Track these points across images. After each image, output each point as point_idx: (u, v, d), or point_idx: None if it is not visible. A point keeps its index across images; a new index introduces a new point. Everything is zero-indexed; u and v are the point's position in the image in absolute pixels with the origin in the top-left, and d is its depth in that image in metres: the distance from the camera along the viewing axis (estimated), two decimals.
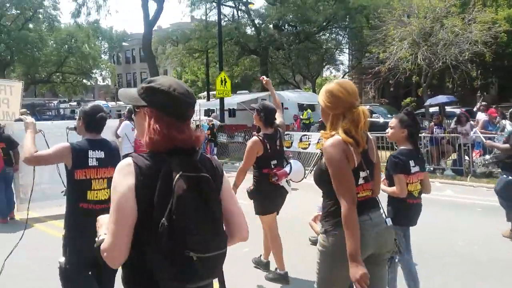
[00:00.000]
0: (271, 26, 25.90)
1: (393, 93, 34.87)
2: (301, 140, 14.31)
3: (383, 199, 2.85)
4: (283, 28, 25.58)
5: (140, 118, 1.70)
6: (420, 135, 11.63)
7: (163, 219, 1.47)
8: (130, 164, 1.59)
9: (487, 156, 7.47)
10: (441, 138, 11.20)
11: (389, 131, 3.72)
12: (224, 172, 1.82)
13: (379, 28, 19.21)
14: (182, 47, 26.05)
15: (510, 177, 5.64)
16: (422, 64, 16.26)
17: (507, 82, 24.52)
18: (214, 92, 29.44)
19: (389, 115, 17.19)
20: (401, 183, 3.48)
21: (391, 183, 3.60)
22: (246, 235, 1.82)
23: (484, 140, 8.86)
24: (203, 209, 1.56)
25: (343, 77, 34.72)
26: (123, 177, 1.57)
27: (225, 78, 17.23)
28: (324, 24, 23.91)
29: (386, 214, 2.66)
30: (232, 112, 20.93)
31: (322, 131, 2.53)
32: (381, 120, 17.01)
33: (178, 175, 1.53)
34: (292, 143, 14.57)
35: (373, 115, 16.95)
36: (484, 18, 16.03)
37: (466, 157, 10.92)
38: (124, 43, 58.09)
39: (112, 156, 3.16)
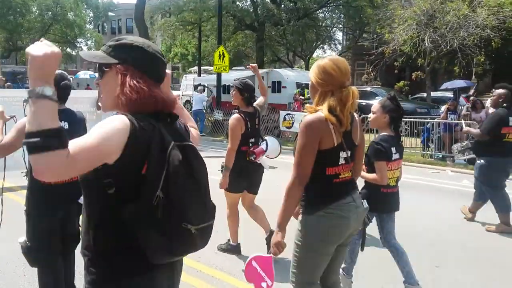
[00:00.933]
0: (268, 0, 24.92)
1: (385, 76, 34.59)
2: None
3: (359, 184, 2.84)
4: (281, 3, 24.60)
5: (110, 78, 1.53)
6: (434, 120, 11.35)
7: (159, 190, 1.38)
8: (126, 121, 1.41)
9: (464, 143, 7.38)
10: (455, 124, 10.72)
11: (371, 116, 3.64)
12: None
13: (385, 7, 18.60)
14: (175, 19, 24.94)
15: (482, 161, 5.70)
16: (429, 47, 15.72)
17: (505, 69, 24.17)
18: (206, 67, 28.93)
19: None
20: (382, 170, 3.44)
21: (370, 170, 3.53)
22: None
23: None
24: (193, 179, 1.49)
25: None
26: (117, 131, 1.38)
27: (223, 53, 16.44)
28: (325, 1, 23.02)
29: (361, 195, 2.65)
30: (226, 89, 20.15)
31: (307, 105, 2.45)
32: None
33: (171, 144, 1.45)
34: (293, 123, 14.03)
35: (376, 97, 16.34)
36: (489, 1, 15.51)
37: None
38: (110, 13, 56.26)
39: (78, 127, 3.06)
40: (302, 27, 22.32)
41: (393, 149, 3.53)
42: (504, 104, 5.56)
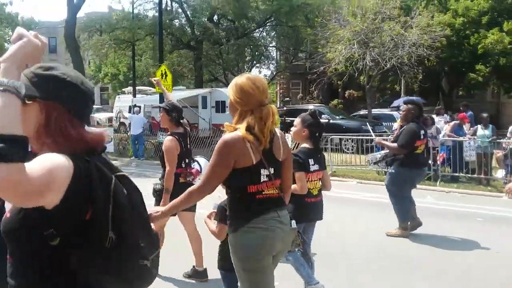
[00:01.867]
0: (204, 19, 24.57)
1: (318, 94, 35.43)
2: None
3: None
4: (218, 22, 24.34)
5: (30, 112, 1.31)
6: (388, 137, 11.41)
7: (110, 231, 1.27)
8: (68, 161, 1.25)
9: (378, 154, 7.54)
10: None
11: (293, 129, 3.83)
12: None
13: (323, 27, 18.91)
14: (108, 37, 23.79)
15: (393, 170, 6.01)
16: (369, 65, 16.09)
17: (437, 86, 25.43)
18: (140, 87, 27.82)
19: (337, 116, 16.74)
20: (301, 180, 3.59)
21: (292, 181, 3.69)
22: None
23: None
24: (136, 212, 1.41)
25: (274, 77, 34.35)
26: (60, 171, 1.21)
27: (165, 72, 15.69)
28: (263, 20, 23.07)
29: (291, 216, 2.59)
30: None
31: (226, 123, 2.44)
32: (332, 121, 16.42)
33: (113, 178, 1.34)
34: None
35: (323, 116, 16.39)
36: (420, 22, 16.28)
37: (430, 161, 10.70)
38: (31, 31, 53.19)
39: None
40: (241, 46, 22.11)
41: (311, 161, 3.70)
42: (415, 119, 5.88)
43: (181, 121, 4.40)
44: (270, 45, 26.96)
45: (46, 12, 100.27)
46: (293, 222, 2.56)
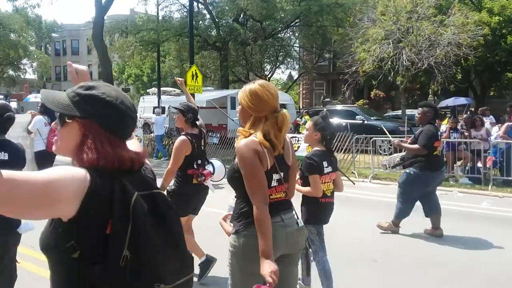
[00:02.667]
0: (230, 20, 24.30)
1: (343, 95, 34.87)
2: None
3: (297, 198, 2.97)
4: (245, 23, 24.03)
5: (71, 130, 1.38)
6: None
7: (125, 250, 1.24)
8: (85, 176, 1.28)
9: (396, 157, 7.22)
10: (458, 143, 10.36)
11: (304, 132, 3.91)
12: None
13: (354, 27, 18.47)
14: (133, 39, 23.69)
15: (411, 172, 6.05)
16: (406, 65, 15.60)
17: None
18: (164, 88, 27.71)
19: (372, 117, 16.24)
20: (316, 183, 3.62)
21: (305, 183, 3.71)
22: None
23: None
24: (164, 231, 1.37)
25: (298, 78, 33.98)
26: (73, 180, 1.25)
27: (196, 72, 15.45)
28: (291, 21, 22.67)
29: (297, 215, 2.62)
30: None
31: (240, 128, 2.44)
32: (367, 122, 15.89)
33: (134, 196, 1.30)
34: (299, 147, 13.10)
35: (357, 117, 15.93)
36: (457, 21, 15.73)
37: (479, 164, 10.21)
38: (53, 34, 53.89)
39: (17, 157, 3.13)
40: (268, 46, 21.75)
41: (325, 163, 3.70)
42: (431, 121, 6.05)
43: (197, 122, 4.40)
44: (296, 45, 26.42)
45: (68, 15, 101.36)
46: (300, 221, 2.58)
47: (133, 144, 1.67)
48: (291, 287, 2.63)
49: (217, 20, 23.98)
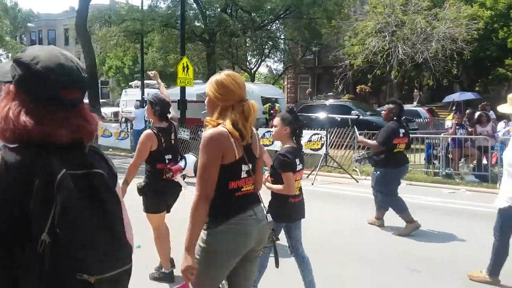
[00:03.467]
0: (217, 11, 23.62)
1: (326, 90, 34.59)
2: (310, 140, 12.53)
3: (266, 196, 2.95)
4: (232, 14, 23.39)
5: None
6: (439, 135, 10.72)
7: (44, 234, 1.13)
8: None
9: (361, 152, 7.58)
10: (465, 140, 10.07)
11: (274, 130, 3.82)
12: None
13: (346, 20, 18.17)
14: (117, 28, 22.81)
15: (377, 172, 6.18)
16: (402, 58, 15.33)
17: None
18: (148, 81, 26.88)
19: (367, 112, 15.89)
20: (289, 181, 3.55)
21: (276, 181, 3.62)
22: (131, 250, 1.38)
23: None
24: (99, 215, 1.22)
25: (284, 71, 33.54)
26: None
27: (187, 64, 14.84)
28: (282, 12, 22.12)
29: (266, 209, 2.62)
30: (178, 105, 18.35)
31: (207, 118, 2.41)
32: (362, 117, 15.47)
33: (60, 174, 1.17)
34: (273, 141, 12.73)
35: (352, 112, 15.55)
36: (451, 14, 15.55)
37: (484, 161, 9.98)
38: (29, 24, 52.06)
39: None
40: (258, 38, 21.19)
41: (297, 160, 3.66)
42: (394, 118, 6.04)
43: (169, 115, 4.30)
44: (286, 38, 25.88)
45: (44, 4, 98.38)
46: (269, 215, 2.57)
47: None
48: (248, 283, 2.64)
49: (204, 11, 23.28)
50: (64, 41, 56.22)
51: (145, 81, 25.33)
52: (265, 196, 2.79)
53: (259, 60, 31.29)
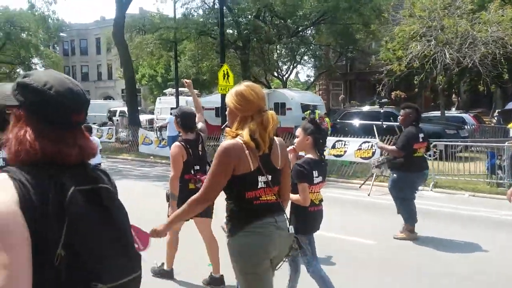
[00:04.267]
0: (250, 18, 23.40)
1: (360, 96, 33.94)
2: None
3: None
4: (267, 20, 23.13)
5: (10, 121, 1.36)
6: (503, 144, 10.14)
7: (59, 249, 1.19)
8: (5, 179, 1.21)
9: (380, 157, 7.65)
10: None
11: (295, 140, 3.81)
12: None
13: (384, 24, 17.65)
14: (152, 37, 22.86)
15: (394, 175, 6.20)
16: (449, 63, 14.71)
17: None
18: (182, 89, 26.84)
19: None
20: (304, 192, 3.55)
21: (294, 191, 3.53)
22: None
23: None
24: (108, 227, 1.32)
25: (317, 78, 33.11)
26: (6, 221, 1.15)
27: (227, 72, 14.63)
28: (317, 18, 21.74)
29: (288, 221, 2.66)
30: (218, 112, 18.25)
31: (227, 129, 2.53)
32: None
33: (71, 191, 1.25)
34: (345, 151, 12.17)
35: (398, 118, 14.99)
36: (495, 18, 14.83)
37: None
38: (62, 34, 53.10)
39: None
40: (294, 44, 20.87)
41: (315, 173, 3.62)
42: (413, 122, 6.04)
43: (197, 126, 4.50)
44: (320, 44, 25.45)
45: (75, 14, 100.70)
46: (291, 227, 2.61)
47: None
48: None
49: (237, 18, 23.11)
50: (96, 50, 57.24)
51: (180, 89, 25.37)
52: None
53: (291, 66, 30.94)
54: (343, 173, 12.10)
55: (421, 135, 6.01)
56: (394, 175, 6.19)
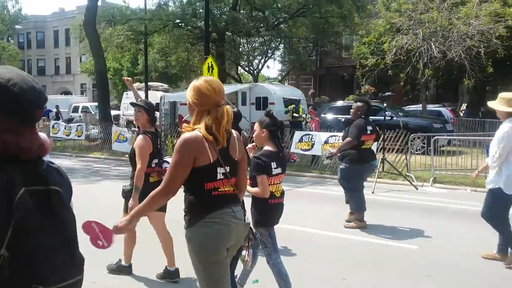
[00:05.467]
0: (226, 8, 22.68)
1: (330, 90, 33.90)
2: (327, 142, 11.68)
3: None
4: (241, 11, 22.45)
5: None
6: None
7: (2, 249, 1.22)
8: None
9: (330, 149, 7.74)
10: None
11: (254, 134, 3.84)
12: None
13: (364, 18, 17.45)
14: (123, 28, 21.72)
15: (344, 166, 6.40)
16: (437, 56, 14.59)
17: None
18: (151, 83, 25.83)
19: (400, 114, 15.10)
20: (263, 184, 3.57)
21: (254, 184, 3.64)
22: None
23: None
24: (55, 231, 1.34)
25: (288, 73, 32.76)
26: None
27: (212, 64, 13.89)
28: (296, 10, 21.22)
29: (245, 211, 2.75)
30: None
31: (184, 124, 2.57)
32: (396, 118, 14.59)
33: (21, 191, 1.28)
34: (313, 145, 11.85)
35: (386, 113, 14.74)
36: (488, 9, 14.87)
37: None
38: (17, 26, 50.41)
39: None
40: (273, 37, 20.33)
41: (274, 164, 3.65)
42: (362, 116, 6.32)
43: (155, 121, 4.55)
44: (299, 37, 24.97)
45: (31, 5, 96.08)
46: (247, 217, 2.72)
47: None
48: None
49: (212, 10, 22.32)
50: (53, 43, 54.66)
51: (148, 84, 24.29)
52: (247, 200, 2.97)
53: (263, 60, 30.44)
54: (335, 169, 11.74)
55: (369, 128, 6.31)
56: (343, 166, 6.42)
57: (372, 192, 9.04)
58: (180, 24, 21.19)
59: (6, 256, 1.20)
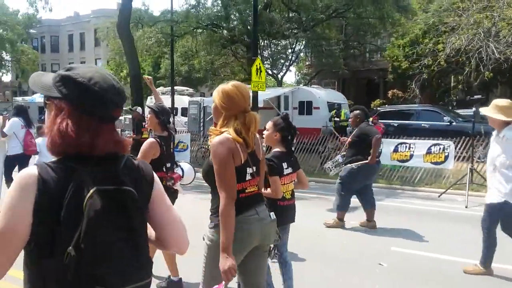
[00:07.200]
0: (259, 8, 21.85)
1: (354, 93, 33.02)
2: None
3: None
4: (272, 12, 21.62)
5: (49, 112, 1.40)
6: None
7: (70, 247, 1.21)
8: (32, 175, 1.27)
9: (338, 158, 7.43)
10: None
11: (265, 133, 3.85)
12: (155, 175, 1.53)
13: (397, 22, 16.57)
14: (155, 29, 20.99)
15: (355, 167, 6.48)
16: (496, 57, 13.73)
17: None
18: (176, 87, 25.11)
19: (459, 119, 14.17)
20: (276, 185, 3.61)
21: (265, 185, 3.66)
22: (185, 247, 1.57)
23: None
24: (124, 232, 1.30)
25: (313, 77, 31.94)
26: (21, 191, 1.26)
27: (260, 67, 13.10)
28: (333, 11, 20.37)
29: (270, 209, 2.75)
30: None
31: (211, 127, 2.60)
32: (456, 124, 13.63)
33: (91, 191, 1.25)
34: (411, 155, 10.70)
35: (444, 118, 13.85)
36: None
37: None
38: (32, 30, 50.06)
39: None
40: (310, 39, 19.50)
41: (285, 165, 3.72)
42: (362, 122, 6.57)
43: (168, 125, 4.43)
44: (338, 39, 24.10)
45: (47, 10, 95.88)
46: (272, 214, 2.72)
47: None
48: (260, 279, 2.76)
49: (242, 12, 21.54)
50: (68, 48, 54.21)
51: (175, 88, 23.54)
52: None
53: (289, 63, 29.62)
54: (406, 180, 10.86)
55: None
56: (353, 166, 6.52)
57: (466, 207, 8.18)
58: (212, 27, 20.38)
59: (72, 255, 1.20)
